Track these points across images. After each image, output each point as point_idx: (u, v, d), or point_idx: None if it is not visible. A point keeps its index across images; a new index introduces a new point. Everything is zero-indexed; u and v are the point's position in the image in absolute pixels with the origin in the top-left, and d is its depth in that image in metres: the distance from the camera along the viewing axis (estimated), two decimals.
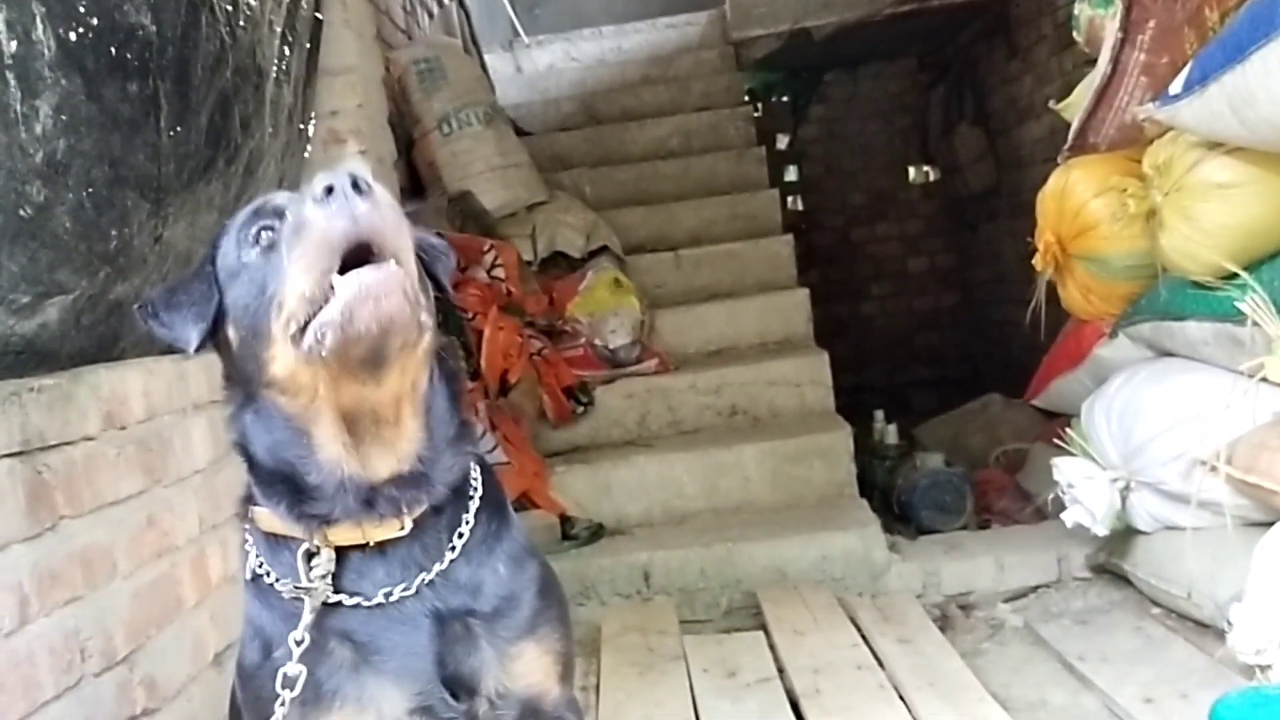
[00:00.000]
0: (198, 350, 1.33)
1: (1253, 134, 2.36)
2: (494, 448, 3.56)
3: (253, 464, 1.34)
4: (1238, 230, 2.52)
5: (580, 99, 6.51)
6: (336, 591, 1.33)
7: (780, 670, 2.79)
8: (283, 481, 1.31)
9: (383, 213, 1.19)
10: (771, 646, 2.95)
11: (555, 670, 1.41)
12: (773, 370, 4.25)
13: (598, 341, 4.36)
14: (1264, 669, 2.12)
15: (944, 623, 3.10)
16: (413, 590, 1.33)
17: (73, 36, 1.79)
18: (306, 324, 1.18)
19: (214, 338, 1.34)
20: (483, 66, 6.16)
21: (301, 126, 3.10)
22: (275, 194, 1.33)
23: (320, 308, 1.17)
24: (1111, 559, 3.12)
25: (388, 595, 1.33)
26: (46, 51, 1.74)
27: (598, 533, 3.71)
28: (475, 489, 1.41)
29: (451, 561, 1.36)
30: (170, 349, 2.30)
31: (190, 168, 2.23)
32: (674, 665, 2.88)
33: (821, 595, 3.24)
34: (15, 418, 1.67)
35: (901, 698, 2.53)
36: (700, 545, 3.48)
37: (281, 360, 1.23)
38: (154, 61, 2.03)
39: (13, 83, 1.68)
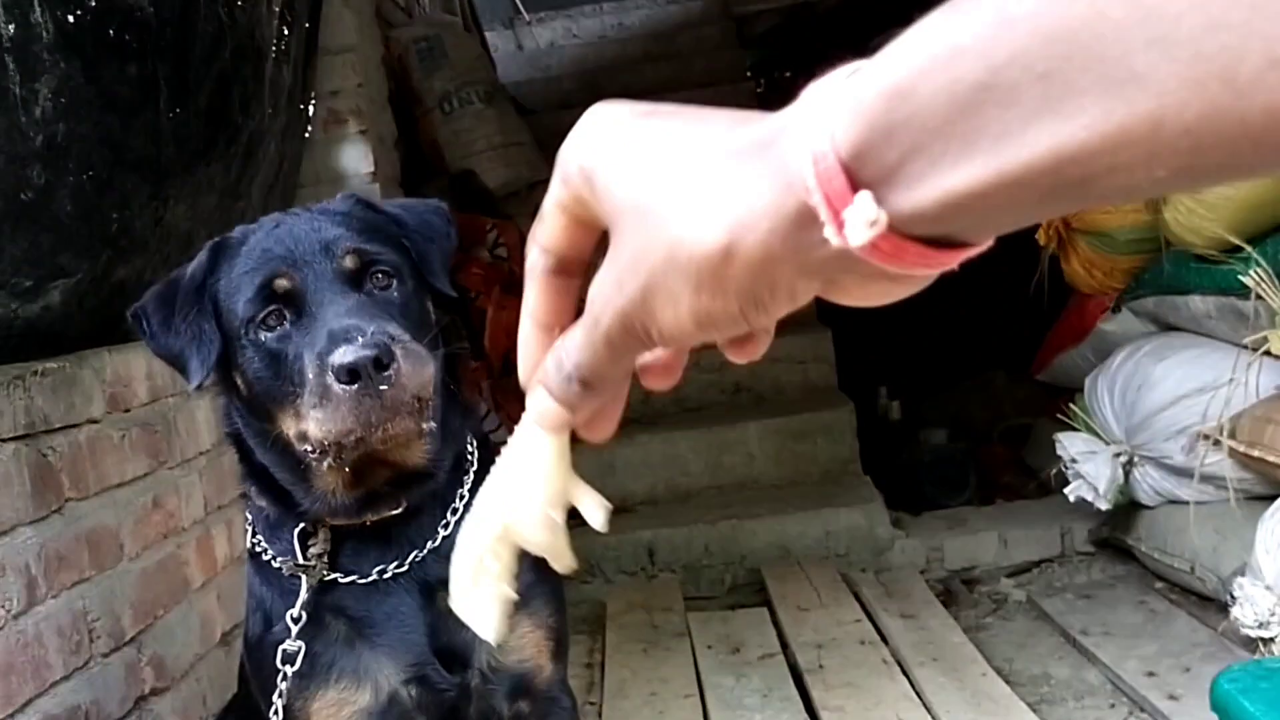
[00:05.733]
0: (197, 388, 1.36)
1: None
2: (498, 427, 3.56)
3: (246, 460, 1.38)
4: (1242, 203, 2.50)
5: (582, 76, 6.48)
6: (333, 569, 1.35)
7: (784, 646, 2.80)
8: (276, 488, 1.36)
9: (403, 384, 1.19)
10: (775, 623, 2.96)
11: (548, 646, 1.42)
12: (776, 347, 4.00)
13: None
14: (1267, 642, 2.13)
15: (947, 598, 3.11)
16: (405, 567, 1.36)
17: (71, 19, 1.79)
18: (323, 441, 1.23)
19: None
20: (483, 44, 6.12)
21: (302, 107, 3.09)
22: (278, 268, 1.29)
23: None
24: (1115, 533, 3.12)
25: (381, 572, 1.36)
26: (45, 34, 1.74)
27: None
28: (471, 464, 1.42)
29: (444, 538, 1.37)
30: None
31: (190, 149, 2.23)
32: (678, 642, 2.89)
33: (825, 571, 3.25)
34: (20, 401, 1.68)
35: (905, 672, 2.54)
36: (704, 522, 3.49)
37: (291, 431, 1.28)
38: (152, 43, 2.03)
39: (12, 66, 1.68)
